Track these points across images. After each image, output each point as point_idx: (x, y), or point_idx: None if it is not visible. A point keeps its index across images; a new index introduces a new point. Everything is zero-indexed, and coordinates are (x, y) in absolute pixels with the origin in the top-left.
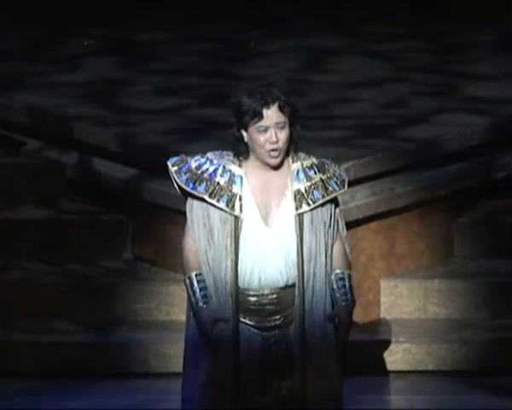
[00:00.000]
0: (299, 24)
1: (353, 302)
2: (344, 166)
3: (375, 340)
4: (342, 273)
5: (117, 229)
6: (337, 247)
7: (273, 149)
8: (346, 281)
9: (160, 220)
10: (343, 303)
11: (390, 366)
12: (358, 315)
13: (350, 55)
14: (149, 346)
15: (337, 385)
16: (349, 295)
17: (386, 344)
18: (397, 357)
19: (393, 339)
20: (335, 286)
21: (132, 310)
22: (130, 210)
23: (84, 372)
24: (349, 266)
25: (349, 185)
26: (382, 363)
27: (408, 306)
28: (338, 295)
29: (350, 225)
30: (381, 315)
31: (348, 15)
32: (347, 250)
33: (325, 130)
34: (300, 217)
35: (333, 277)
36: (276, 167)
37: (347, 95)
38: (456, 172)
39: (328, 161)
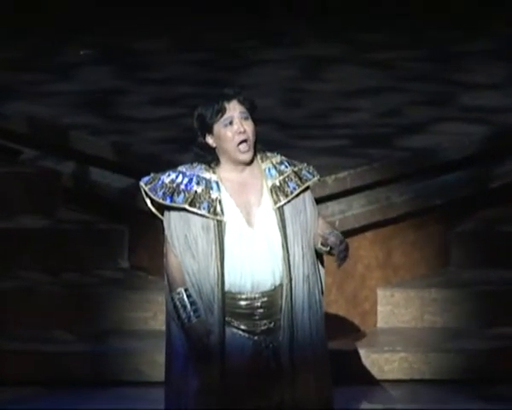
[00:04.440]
0: (296, 33)
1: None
2: (340, 175)
3: (372, 349)
4: (331, 230)
5: (114, 238)
6: (320, 223)
7: (243, 141)
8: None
9: (157, 229)
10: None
11: (387, 375)
12: (355, 324)
13: (347, 64)
14: (145, 355)
15: (328, 391)
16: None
17: (383, 353)
18: (394, 366)
19: (390, 348)
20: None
21: (129, 319)
22: (126, 219)
23: (79, 381)
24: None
25: (345, 195)
26: (379, 372)
27: (404, 315)
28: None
29: (346, 235)
30: (378, 324)
31: (345, 24)
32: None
33: (321, 139)
34: (280, 210)
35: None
36: (249, 168)
37: (344, 104)
38: (453, 182)
39: (295, 161)
